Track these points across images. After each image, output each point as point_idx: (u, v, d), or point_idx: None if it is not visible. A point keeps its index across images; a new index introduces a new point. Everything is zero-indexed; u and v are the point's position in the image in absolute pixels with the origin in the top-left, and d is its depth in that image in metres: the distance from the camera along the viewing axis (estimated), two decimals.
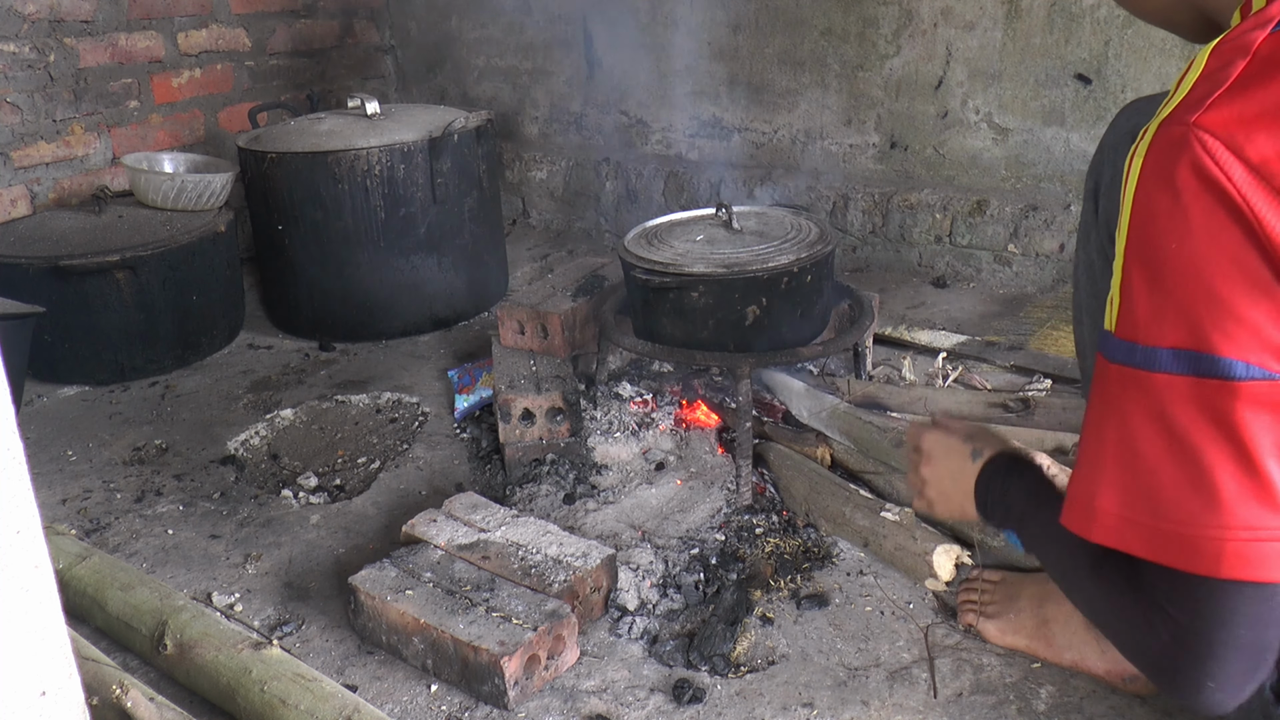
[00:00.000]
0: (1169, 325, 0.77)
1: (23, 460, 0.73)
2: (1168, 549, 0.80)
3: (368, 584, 1.41)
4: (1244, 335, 0.75)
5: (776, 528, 1.62)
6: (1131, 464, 0.81)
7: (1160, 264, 0.77)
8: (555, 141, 3.59)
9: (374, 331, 2.58)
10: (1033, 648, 1.34)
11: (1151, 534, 0.81)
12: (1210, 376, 0.76)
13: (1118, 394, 0.82)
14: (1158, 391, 0.78)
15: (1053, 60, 2.63)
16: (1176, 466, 0.79)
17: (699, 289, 1.71)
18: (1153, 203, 0.78)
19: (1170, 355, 0.77)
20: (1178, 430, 0.78)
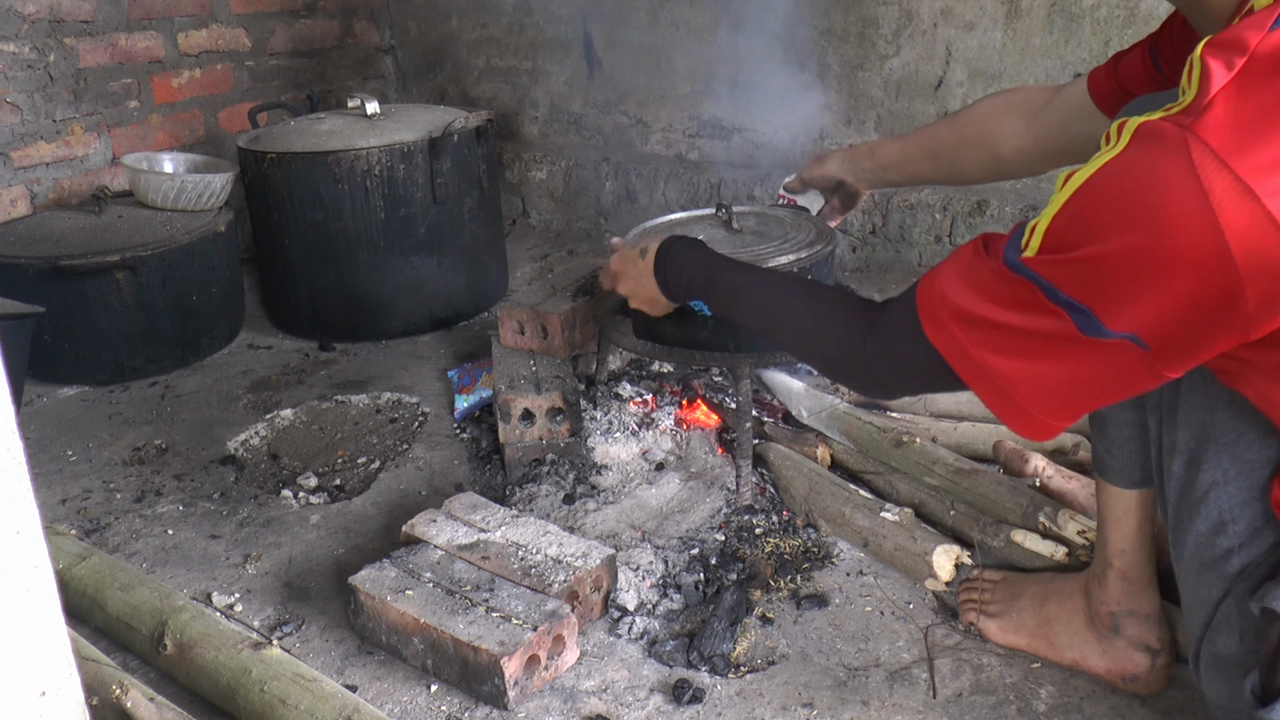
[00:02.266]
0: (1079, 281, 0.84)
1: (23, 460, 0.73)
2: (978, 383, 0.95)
3: (368, 584, 1.41)
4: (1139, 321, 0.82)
5: (776, 528, 1.62)
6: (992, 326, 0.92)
7: (1104, 235, 0.82)
8: (555, 141, 3.59)
9: (374, 331, 2.58)
10: (1034, 646, 1.34)
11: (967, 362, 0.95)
12: (1088, 334, 0.85)
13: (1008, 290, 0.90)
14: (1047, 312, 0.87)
15: (1053, 60, 2.63)
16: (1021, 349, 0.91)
17: None
18: (1123, 177, 0.81)
19: (1068, 300, 0.85)
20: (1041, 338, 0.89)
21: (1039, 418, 0.94)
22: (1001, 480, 1.58)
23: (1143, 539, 1.23)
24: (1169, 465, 1.06)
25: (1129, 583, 1.24)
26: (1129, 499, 1.22)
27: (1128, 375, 0.87)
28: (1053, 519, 1.46)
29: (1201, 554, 1.02)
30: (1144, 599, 1.25)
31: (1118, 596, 1.25)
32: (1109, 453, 1.21)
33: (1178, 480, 1.04)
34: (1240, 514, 0.99)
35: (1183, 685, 1.27)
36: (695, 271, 1.41)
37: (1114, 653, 1.26)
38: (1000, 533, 1.48)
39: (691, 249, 1.43)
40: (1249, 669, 0.95)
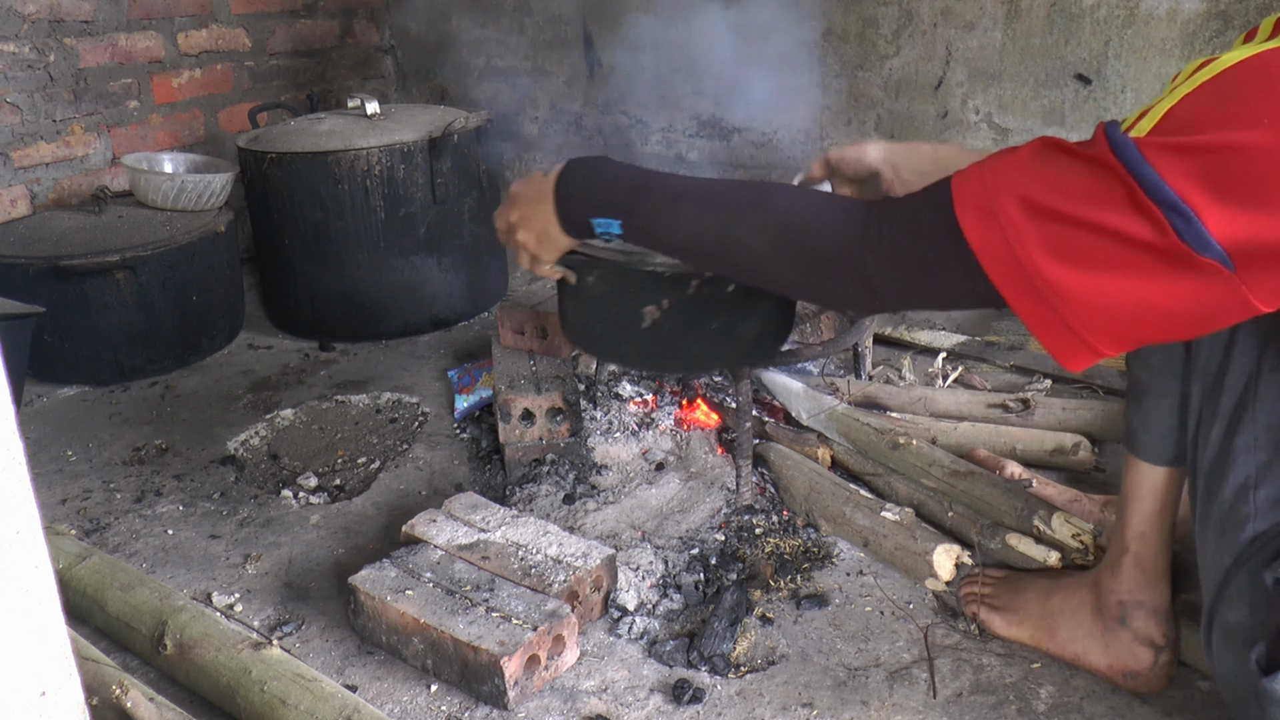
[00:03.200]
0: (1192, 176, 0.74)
1: (23, 460, 0.72)
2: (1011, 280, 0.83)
3: (368, 584, 1.41)
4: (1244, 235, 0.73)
5: (776, 528, 1.62)
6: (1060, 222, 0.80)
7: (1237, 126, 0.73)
8: (555, 141, 3.59)
9: (374, 331, 2.58)
10: (1036, 639, 1.33)
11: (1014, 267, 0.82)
12: (1184, 240, 0.75)
13: (1102, 179, 0.78)
14: (1140, 210, 0.76)
15: (1053, 60, 2.63)
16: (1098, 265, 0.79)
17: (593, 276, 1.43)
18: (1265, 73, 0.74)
19: (1173, 199, 0.74)
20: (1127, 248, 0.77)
21: (1088, 340, 0.82)
22: (997, 483, 1.58)
23: (1163, 524, 1.23)
24: (1207, 433, 1.04)
25: (1143, 571, 1.24)
26: (1157, 477, 1.21)
27: (1208, 305, 0.77)
28: (1047, 522, 1.46)
29: (1222, 520, 1.02)
30: (1155, 590, 1.24)
31: (1129, 585, 1.24)
32: (1144, 426, 1.20)
33: (1214, 446, 1.03)
34: (1264, 480, 0.98)
35: (1183, 685, 1.27)
36: (617, 178, 1.13)
37: (1117, 647, 1.26)
38: (996, 535, 1.49)
39: (607, 163, 1.16)
40: (1256, 640, 0.95)
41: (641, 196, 1.10)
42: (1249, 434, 1.00)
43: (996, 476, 1.62)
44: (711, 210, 1.06)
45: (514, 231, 1.26)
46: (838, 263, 0.96)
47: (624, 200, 1.11)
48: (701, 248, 1.07)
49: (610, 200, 1.12)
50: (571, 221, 1.18)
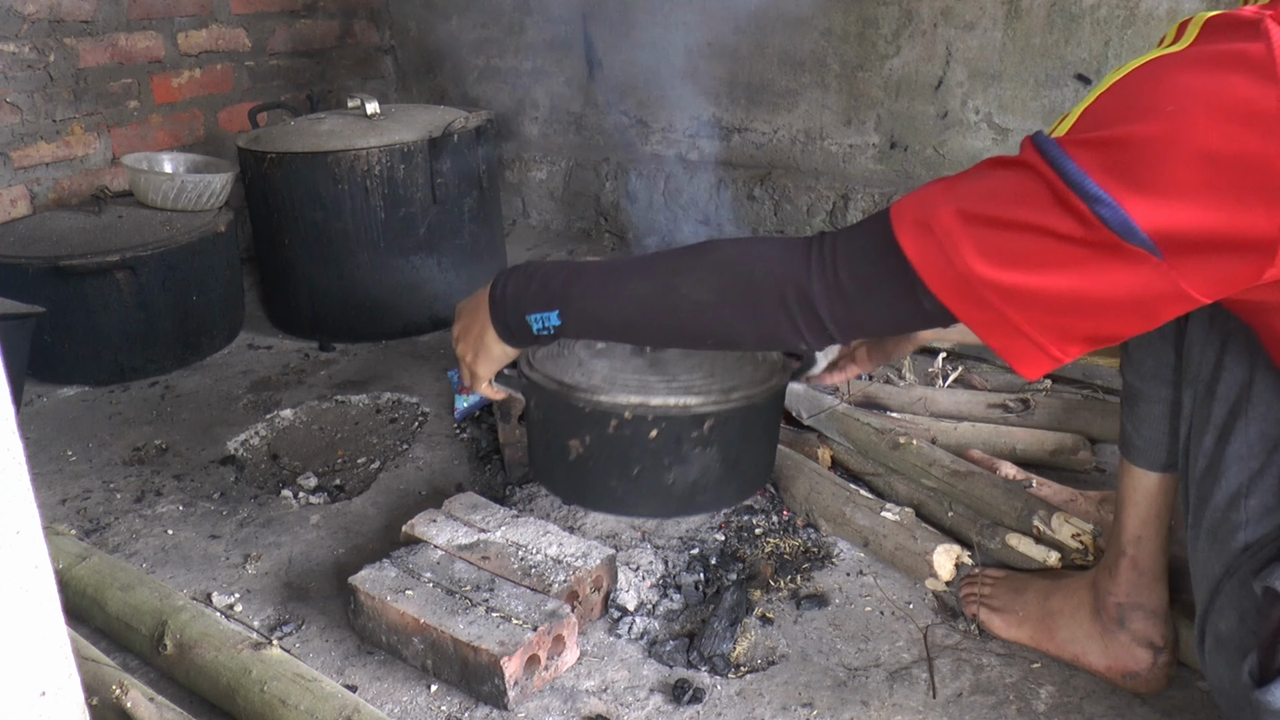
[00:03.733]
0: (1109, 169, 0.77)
1: (23, 460, 0.73)
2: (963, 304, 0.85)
3: (367, 584, 1.41)
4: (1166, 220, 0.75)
5: (776, 528, 1.62)
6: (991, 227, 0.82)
7: (1146, 121, 0.76)
8: (555, 141, 3.59)
9: (374, 331, 2.58)
10: (1036, 640, 1.33)
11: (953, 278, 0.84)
12: (1112, 229, 0.77)
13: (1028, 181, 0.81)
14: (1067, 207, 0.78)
15: (1053, 60, 2.63)
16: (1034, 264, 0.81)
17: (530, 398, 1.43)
18: (1180, 64, 0.76)
19: (1096, 191, 0.77)
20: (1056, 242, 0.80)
21: (1037, 340, 0.84)
22: (997, 483, 1.58)
23: (1159, 528, 1.23)
24: (1199, 440, 1.05)
25: (1140, 573, 1.24)
26: (1151, 482, 1.21)
27: (1145, 293, 0.79)
28: (1046, 522, 1.46)
29: (1214, 528, 1.02)
30: (1152, 593, 1.24)
31: (1127, 587, 1.25)
32: (1137, 432, 1.20)
33: (1205, 455, 1.04)
34: (1256, 489, 0.99)
35: (1183, 685, 1.27)
36: (550, 272, 1.12)
37: (1116, 648, 1.26)
38: (996, 535, 1.49)
39: (538, 265, 1.16)
40: (1247, 650, 0.95)
41: (576, 282, 1.09)
42: (1241, 442, 1.00)
43: (996, 476, 1.62)
44: (649, 277, 1.05)
45: (456, 346, 1.25)
46: (783, 296, 0.96)
47: (559, 289, 1.10)
48: (645, 317, 1.06)
49: (545, 293, 1.11)
50: (507, 326, 1.16)
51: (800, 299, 0.95)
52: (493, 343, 1.20)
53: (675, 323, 1.05)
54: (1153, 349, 1.15)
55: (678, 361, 1.36)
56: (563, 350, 1.43)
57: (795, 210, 3.02)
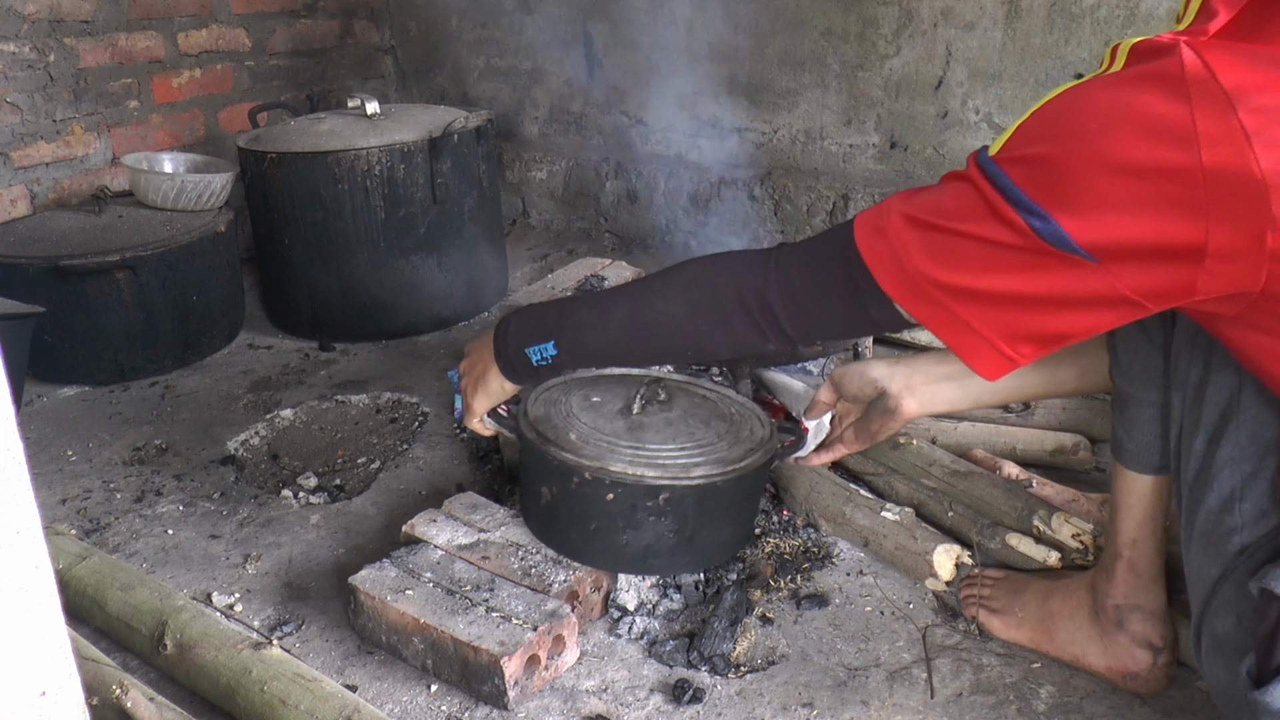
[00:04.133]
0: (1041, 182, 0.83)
1: (23, 460, 0.73)
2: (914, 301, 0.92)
3: (368, 584, 1.41)
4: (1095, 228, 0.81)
5: (776, 528, 1.62)
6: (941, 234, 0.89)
7: (1075, 137, 0.81)
8: (555, 141, 3.60)
9: (374, 331, 2.58)
10: (1035, 641, 1.33)
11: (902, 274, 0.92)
12: (1047, 239, 0.82)
13: (970, 194, 0.88)
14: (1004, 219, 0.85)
15: (1053, 60, 2.63)
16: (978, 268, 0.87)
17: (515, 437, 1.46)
18: (1104, 84, 0.82)
19: (1028, 203, 0.83)
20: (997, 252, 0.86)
21: (990, 338, 0.90)
22: (997, 483, 1.58)
23: (1154, 529, 1.23)
24: (1189, 443, 1.05)
25: (1137, 575, 1.24)
26: (1144, 485, 1.22)
27: (1089, 295, 0.84)
28: (1046, 522, 1.46)
29: (1208, 531, 1.03)
30: (1150, 594, 1.25)
31: (1124, 589, 1.25)
32: (1128, 435, 1.21)
33: (1197, 458, 1.04)
34: (1249, 493, 0.99)
35: (1183, 685, 1.27)
36: (546, 308, 1.24)
37: (1115, 649, 1.26)
38: (996, 535, 1.49)
39: (534, 305, 1.28)
40: (1245, 651, 0.96)
41: (569, 314, 1.19)
42: (1233, 446, 1.01)
43: (996, 476, 1.62)
44: (629, 301, 1.15)
45: (460, 381, 1.36)
46: (745, 304, 1.04)
47: (554, 322, 1.20)
48: (629, 338, 1.15)
49: (542, 326, 1.21)
50: (509, 361, 1.26)
51: (760, 305, 1.03)
52: (493, 378, 1.30)
53: (656, 340, 1.15)
54: (1141, 353, 1.15)
55: (657, 430, 1.40)
56: (558, 398, 1.48)
57: (795, 210, 3.02)
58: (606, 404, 1.47)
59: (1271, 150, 0.74)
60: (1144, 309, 0.85)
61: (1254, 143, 0.74)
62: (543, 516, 1.44)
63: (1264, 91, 0.75)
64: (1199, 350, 1.04)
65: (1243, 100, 0.74)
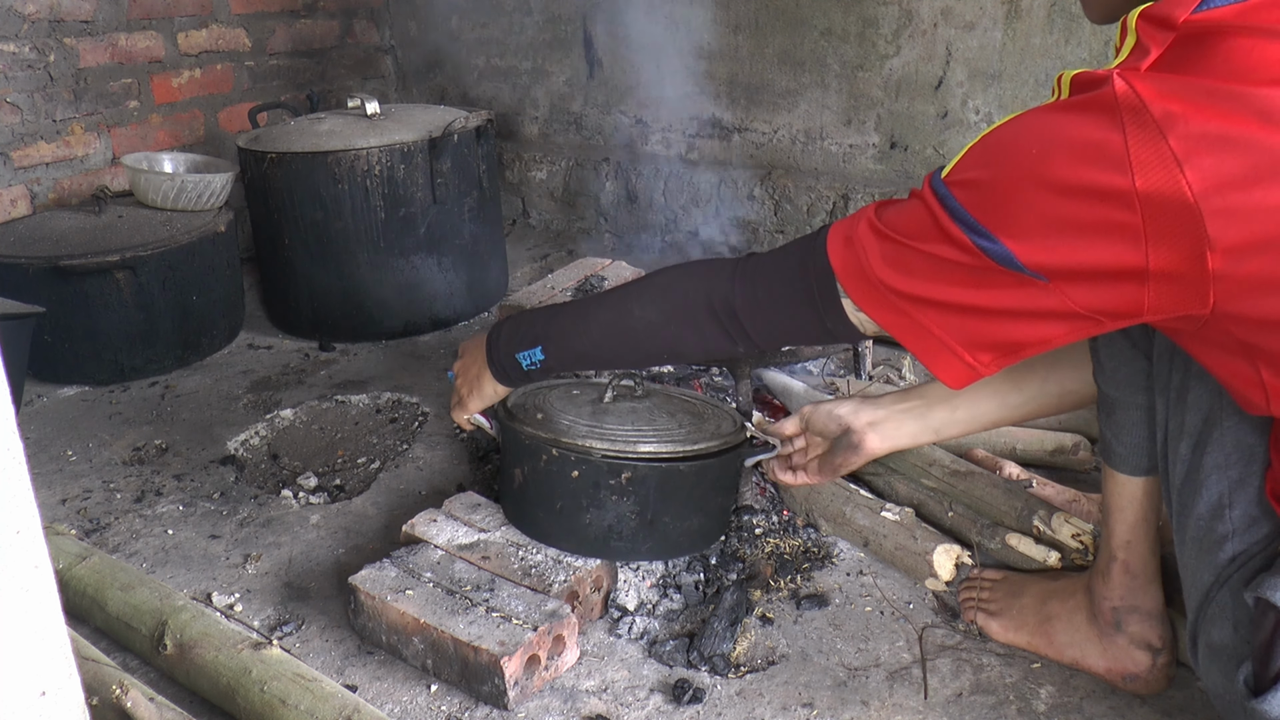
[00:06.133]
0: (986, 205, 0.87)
1: (23, 460, 0.73)
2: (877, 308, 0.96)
3: (368, 584, 1.41)
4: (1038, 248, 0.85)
5: (776, 528, 1.62)
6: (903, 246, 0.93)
7: (1016, 163, 0.85)
8: (555, 141, 3.60)
9: (374, 331, 2.58)
10: (1034, 644, 1.34)
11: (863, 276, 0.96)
12: (993, 258, 0.86)
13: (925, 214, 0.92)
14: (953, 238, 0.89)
15: (1053, 60, 2.63)
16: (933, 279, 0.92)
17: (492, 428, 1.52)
18: (1045, 112, 0.86)
19: (974, 223, 0.87)
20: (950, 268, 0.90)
21: (952, 346, 0.93)
22: (997, 483, 1.58)
23: (1148, 531, 1.23)
24: (1175, 448, 1.06)
25: (1132, 577, 1.24)
26: (1135, 487, 1.22)
27: (1044, 309, 0.88)
28: (1046, 522, 1.46)
29: (1200, 538, 1.03)
30: (1147, 595, 1.25)
31: (1121, 591, 1.25)
32: (1116, 438, 1.21)
33: (1183, 463, 1.05)
34: (1238, 499, 1.00)
35: (1183, 685, 1.27)
36: (536, 315, 1.31)
37: (1114, 651, 1.26)
38: (996, 535, 1.49)
39: (527, 311, 1.36)
40: (1242, 659, 0.96)
41: (555, 320, 1.25)
42: (1219, 452, 1.02)
43: (996, 476, 1.62)
44: (610, 306, 1.21)
45: (456, 380, 1.44)
46: (713, 310, 1.09)
47: (542, 328, 1.26)
48: (609, 341, 1.21)
49: (531, 332, 1.27)
50: (500, 365, 1.33)
51: (727, 312, 1.09)
52: (487, 382, 1.37)
53: (633, 343, 1.21)
54: (1125, 357, 1.16)
55: (620, 416, 1.45)
56: (543, 390, 1.54)
57: (795, 210, 3.02)
58: (583, 395, 1.53)
59: (1201, 175, 0.77)
60: (1101, 324, 0.89)
61: (1184, 168, 0.77)
62: (515, 499, 1.48)
63: (1192, 119, 0.78)
64: (1179, 355, 1.05)
65: (1172, 127, 0.78)
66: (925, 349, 0.95)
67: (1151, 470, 1.20)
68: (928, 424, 1.35)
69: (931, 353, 0.94)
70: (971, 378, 0.95)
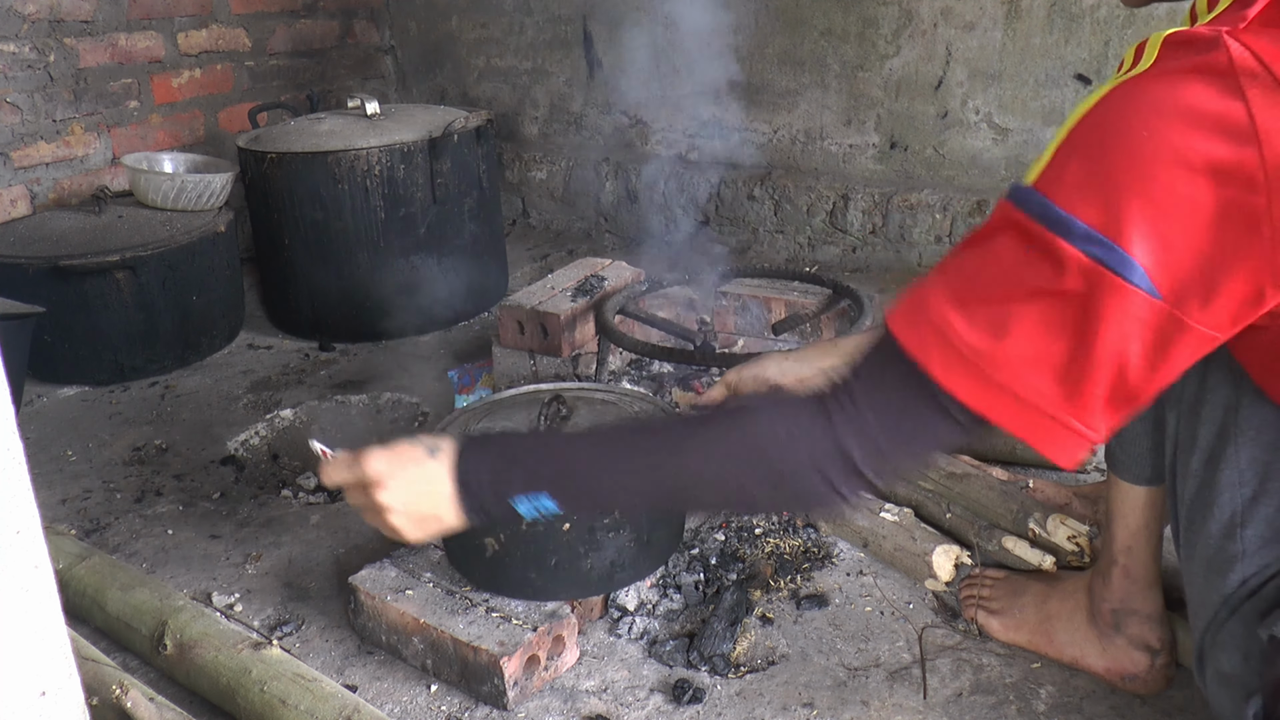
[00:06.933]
0: (1095, 203, 0.74)
1: (23, 460, 0.73)
2: (969, 382, 0.78)
3: (368, 584, 1.41)
4: (1153, 246, 0.73)
5: (776, 528, 1.62)
6: (989, 303, 0.78)
7: (1118, 145, 0.74)
8: (555, 141, 3.60)
9: (374, 331, 2.58)
10: (1034, 643, 1.34)
11: (964, 365, 0.78)
12: (1110, 269, 0.73)
13: (1009, 238, 0.78)
14: (1055, 259, 0.75)
15: (1053, 60, 2.63)
16: (1034, 327, 0.76)
17: None
18: (1143, 87, 0.74)
19: (1083, 231, 0.74)
20: (1056, 301, 0.76)
21: (1057, 415, 0.77)
22: (993, 484, 1.58)
23: (1149, 537, 1.23)
24: (1186, 461, 1.02)
25: (1132, 580, 1.24)
26: (1138, 495, 1.22)
27: (1152, 332, 0.74)
28: (1042, 525, 1.46)
29: (1210, 556, 1.00)
30: (1146, 598, 1.25)
31: (1120, 594, 1.25)
32: (1120, 448, 1.21)
33: (1195, 478, 1.01)
34: (1251, 518, 0.96)
35: (1183, 685, 1.27)
36: (527, 450, 1.03)
37: (1114, 651, 1.26)
38: (993, 537, 1.48)
39: (521, 437, 1.14)
40: (1252, 691, 0.94)
41: (566, 459, 1.00)
42: (1233, 469, 0.97)
43: (993, 478, 1.61)
44: (656, 454, 0.96)
45: (381, 511, 1.06)
46: (819, 468, 0.87)
47: (549, 471, 0.99)
48: (658, 493, 1.00)
49: (533, 476, 0.98)
50: (480, 507, 1.01)
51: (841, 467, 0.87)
52: (448, 517, 1.03)
53: (691, 499, 1.05)
54: None
55: None
56: (469, 427, 1.45)
57: (795, 210, 3.02)
58: (514, 427, 1.44)
59: None
60: (1214, 339, 0.76)
61: None
62: (491, 568, 1.36)
63: None
64: (1192, 369, 1.00)
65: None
66: (1032, 427, 0.78)
67: (1155, 480, 1.19)
68: None
69: (1041, 431, 0.78)
70: (1085, 449, 0.79)
